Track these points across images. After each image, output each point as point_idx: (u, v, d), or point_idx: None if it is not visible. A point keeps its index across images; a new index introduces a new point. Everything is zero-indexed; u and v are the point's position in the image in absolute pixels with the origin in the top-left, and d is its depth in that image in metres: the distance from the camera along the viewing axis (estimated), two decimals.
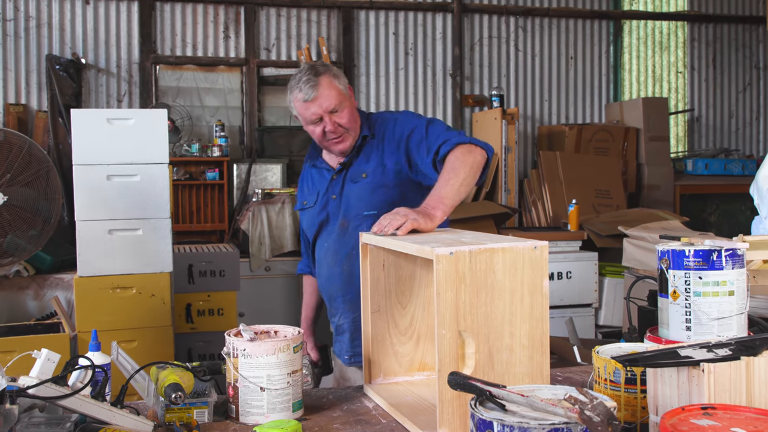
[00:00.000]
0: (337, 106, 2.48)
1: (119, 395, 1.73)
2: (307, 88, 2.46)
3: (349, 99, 2.54)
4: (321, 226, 2.63)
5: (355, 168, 2.56)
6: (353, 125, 2.53)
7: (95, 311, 3.73)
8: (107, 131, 3.73)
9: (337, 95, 2.48)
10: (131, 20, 6.54)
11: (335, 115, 2.48)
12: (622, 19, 7.90)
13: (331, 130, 2.49)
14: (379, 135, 2.55)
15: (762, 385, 1.33)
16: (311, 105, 2.47)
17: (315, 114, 2.48)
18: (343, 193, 2.56)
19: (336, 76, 2.51)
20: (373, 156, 2.53)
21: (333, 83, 2.48)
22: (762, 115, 8.36)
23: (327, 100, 2.46)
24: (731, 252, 1.64)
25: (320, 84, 2.46)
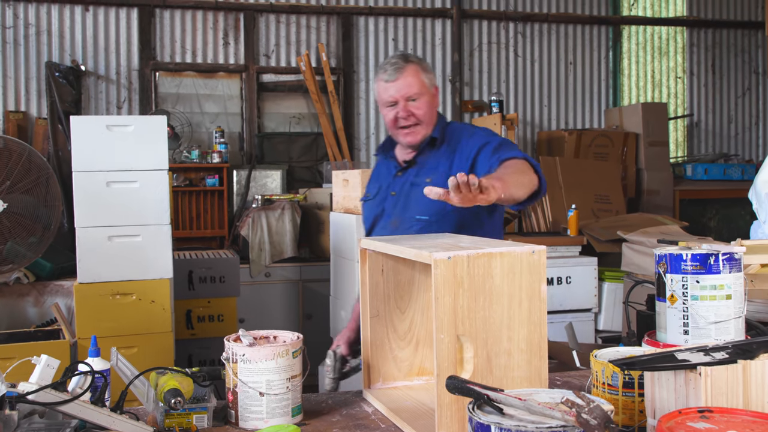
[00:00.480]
0: (415, 95, 2.49)
1: (119, 401, 1.74)
2: (392, 69, 2.49)
3: (431, 95, 2.54)
4: (375, 221, 2.63)
5: (419, 169, 2.56)
6: (427, 120, 2.53)
7: (95, 318, 3.74)
8: (107, 138, 3.74)
9: (418, 85, 2.49)
10: (131, 27, 6.55)
11: (411, 103, 2.49)
12: (621, 24, 7.91)
13: (403, 117, 2.50)
14: (452, 144, 2.54)
15: (758, 388, 1.34)
16: (390, 86, 2.49)
17: (392, 97, 2.49)
18: (404, 192, 2.56)
19: (425, 69, 2.53)
20: (441, 163, 2.52)
21: (419, 73, 2.50)
22: (761, 120, 8.37)
23: (407, 86, 2.48)
24: (728, 256, 1.65)
25: (405, 69, 2.48)
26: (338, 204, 4.83)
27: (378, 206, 2.64)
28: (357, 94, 7.11)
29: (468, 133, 2.55)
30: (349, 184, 4.63)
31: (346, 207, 4.66)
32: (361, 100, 7.13)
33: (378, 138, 7.17)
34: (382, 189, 2.66)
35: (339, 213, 4.80)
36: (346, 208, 4.68)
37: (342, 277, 4.77)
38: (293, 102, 6.99)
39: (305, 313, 5.85)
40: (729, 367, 1.33)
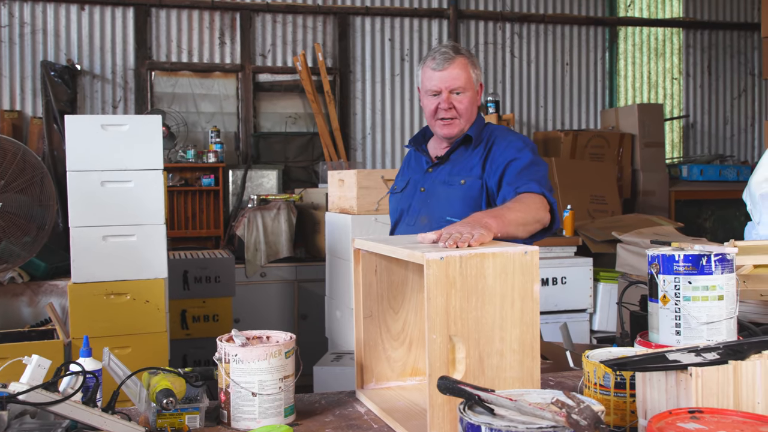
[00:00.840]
0: (460, 89, 2.47)
1: (110, 401, 1.73)
2: (441, 59, 2.46)
3: (475, 92, 2.52)
4: (401, 214, 2.61)
5: (452, 167, 2.52)
6: (467, 116, 2.51)
7: (89, 318, 3.73)
8: (101, 137, 3.73)
9: (465, 78, 2.47)
10: (126, 26, 6.55)
11: (455, 96, 2.48)
12: (618, 25, 7.92)
13: (444, 108, 2.48)
14: (487, 147, 2.50)
15: (749, 388, 1.34)
16: (436, 75, 2.47)
17: (436, 86, 2.47)
18: (434, 190, 2.53)
19: (474, 65, 2.51)
20: (475, 165, 2.48)
21: (467, 67, 2.48)
22: (757, 121, 8.39)
23: (453, 78, 2.46)
24: (720, 257, 1.65)
25: (454, 61, 2.46)
26: (334, 204, 4.83)
27: (406, 201, 2.61)
28: (353, 94, 7.11)
29: (504, 141, 2.49)
30: (344, 184, 4.63)
31: (342, 207, 4.66)
32: (358, 100, 7.13)
33: (374, 138, 7.17)
34: (410, 183, 2.63)
35: (335, 213, 4.80)
36: (341, 208, 4.67)
37: (337, 277, 4.77)
38: (289, 102, 6.99)
39: (300, 313, 5.84)
40: (720, 367, 1.33)
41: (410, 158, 2.75)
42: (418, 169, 2.64)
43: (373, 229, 4.42)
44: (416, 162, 2.68)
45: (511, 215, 2.10)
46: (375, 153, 7.18)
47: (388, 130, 7.21)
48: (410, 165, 2.72)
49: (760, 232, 3.19)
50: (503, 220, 2.03)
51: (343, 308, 4.63)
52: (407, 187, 2.64)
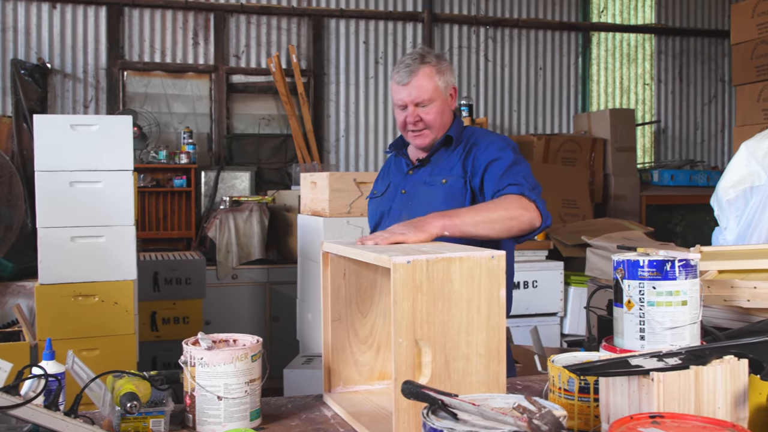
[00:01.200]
0: (425, 101, 2.44)
1: (73, 404, 1.71)
2: (405, 72, 2.43)
3: (443, 100, 2.48)
4: (381, 218, 2.59)
5: (433, 168, 2.51)
6: (437, 125, 2.48)
7: (57, 319, 3.69)
8: (70, 137, 3.70)
9: (430, 90, 2.43)
10: (99, 25, 6.49)
11: (421, 109, 2.44)
12: (591, 31, 7.99)
13: (411, 122, 2.46)
14: (467, 148, 2.48)
15: (710, 393, 1.35)
16: (402, 90, 2.44)
17: (402, 100, 2.45)
18: (415, 191, 2.51)
19: (440, 71, 2.46)
20: (456, 165, 2.46)
21: (432, 77, 2.43)
22: (726, 127, 8.49)
23: (417, 91, 2.43)
24: (684, 263, 1.66)
25: (417, 73, 2.42)
26: (306, 206, 4.82)
27: (386, 204, 2.59)
28: (327, 96, 7.10)
29: (485, 141, 2.47)
30: (317, 186, 4.62)
31: (314, 209, 4.65)
32: (331, 103, 7.12)
33: (348, 140, 7.17)
34: (391, 187, 2.62)
35: (307, 215, 4.79)
36: (314, 210, 4.67)
37: (309, 279, 4.76)
38: (263, 103, 6.97)
39: (272, 315, 5.82)
40: (681, 372, 1.34)
41: (390, 164, 2.74)
42: (399, 173, 2.63)
43: (345, 231, 4.41)
44: (396, 167, 2.67)
45: (467, 215, 2.10)
46: (348, 155, 7.18)
47: (361, 132, 7.21)
48: (390, 170, 2.71)
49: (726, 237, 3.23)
50: (455, 220, 2.04)
51: (314, 311, 4.62)
52: (387, 191, 2.63)
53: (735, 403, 1.38)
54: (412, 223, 2.03)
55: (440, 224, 2.02)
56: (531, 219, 2.20)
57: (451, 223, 2.05)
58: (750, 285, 1.98)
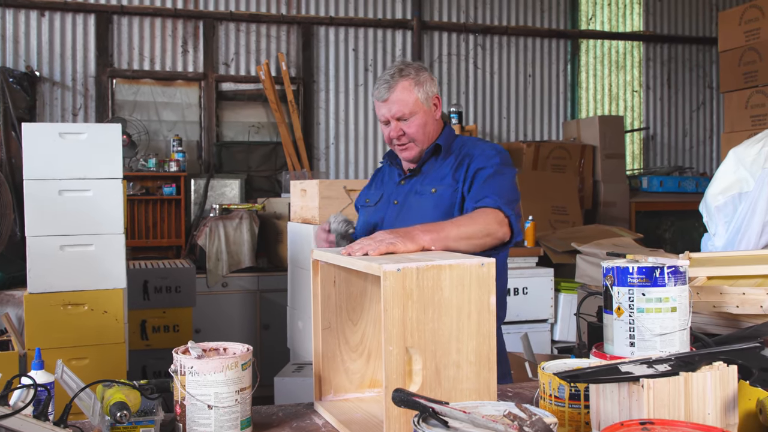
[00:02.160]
0: (406, 115, 2.44)
1: (63, 414, 1.70)
2: (384, 88, 2.44)
3: (426, 110, 2.48)
4: (373, 228, 2.56)
5: (424, 178, 2.52)
6: (421, 137, 2.48)
7: (46, 328, 3.67)
8: (59, 145, 3.69)
9: (410, 103, 2.43)
10: (87, 33, 6.48)
11: (403, 123, 2.45)
12: (580, 38, 8.02)
13: (394, 137, 2.47)
14: (458, 157, 2.49)
15: (699, 400, 1.35)
16: (382, 106, 2.46)
17: (384, 116, 2.47)
18: (407, 201, 2.51)
19: (419, 83, 2.45)
20: (447, 174, 2.47)
21: (411, 90, 2.43)
22: (715, 133, 8.54)
23: (396, 106, 2.43)
24: (673, 269, 1.67)
25: (395, 88, 2.42)
26: (296, 214, 4.81)
27: (378, 214, 2.59)
28: (317, 103, 7.11)
29: (477, 149, 2.48)
30: (306, 194, 4.62)
31: (304, 217, 4.65)
32: (321, 110, 7.12)
33: (338, 148, 7.17)
34: (384, 196, 2.62)
35: (297, 223, 4.78)
36: (304, 218, 4.66)
37: (300, 287, 4.75)
38: (252, 111, 6.97)
39: (263, 323, 5.81)
40: (671, 379, 1.34)
41: (383, 173, 2.74)
42: (391, 183, 2.64)
43: None
44: (389, 176, 2.68)
45: (452, 230, 2.11)
46: (338, 163, 7.18)
47: (351, 140, 7.21)
48: (383, 180, 2.71)
49: (715, 243, 3.25)
50: (441, 234, 2.06)
51: (305, 318, 4.61)
52: (380, 201, 2.63)
53: (725, 409, 1.39)
54: (398, 232, 2.01)
55: (428, 238, 2.02)
56: (504, 234, 2.25)
57: (438, 237, 2.06)
58: (739, 291, 1.99)
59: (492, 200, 2.27)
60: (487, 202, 2.28)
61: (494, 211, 2.25)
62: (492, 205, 2.26)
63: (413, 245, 1.97)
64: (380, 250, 1.89)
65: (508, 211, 2.27)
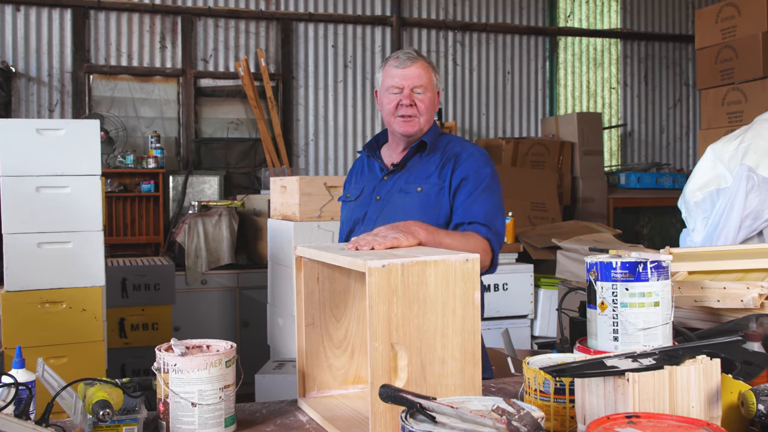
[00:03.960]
0: (422, 87, 2.48)
1: (44, 413, 1.69)
2: (405, 57, 2.49)
3: (434, 94, 2.54)
4: (355, 225, 2.58)
5: (409, 175, 2.52)
6: (427, 115, 2.52)
7: (23, 327, 3.63)
8: (37, 142, 3.64)
9: (427, 80, 2.50)
10: (64, 28, 6.41)
11: (416, 94, 2.48)
12: (558, 35, 8.06)
13: (406, 104, 2.48)
14: (444, 157, 2.51)
15: (684, 393, 1.36)
16: (398, 72, 2.49)
17: (399, 83, 2.48)
18: (391, 198, 2.51)
19: (434, 70, 2.55)
20: (432, 173, 2.49)
21: (429, 70, 2.51)
22: (691, 130, 8.61)
23: (416, 77, 2.48)
24: (656, 264, 1.68)
25: (417, 61, 2.49)
26: (276, 211, 4.80)
27: (360, 209, 2.58)
28: (296, 100, 7.09)
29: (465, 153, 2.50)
30: (287, 190, 4.60)
31: (284, 214, 4.63)
32: (300, 107, 7.10)
33: (317, 144, 7.15)
34: (365, 191, 2.60)
35: (277, 220, 4.77)
36: (284, 214, 4.65)
37: (279, 284, 4.74)
38: (231, 107, 6.93)
39: (242, 320, 5.79)
40: (656, 373, 1.35)
41: (363, 165, 2.72)
42: (372, 177, 2.62)
43: (316, 236, 4.40)
44: (369, 169, 2.66)
45: (445, 238, 2.17)
46: (318, 159, 7.17)
47: (331, 136, 7.20)
48: (363, 172, 2.69)
49: (694, 239, 3.28)
50: (436, 237, 2.12)
51: (285, 315, 4.60)
52: (361, 196, 2.61)
53: (708, 402, 1.40)
54: (398, 227, 2.05)
55: (424, 236, 2.07)
56: (485, 266, 2.32)
57: (433, 240, 2.10)
58: (719, 286, 2.01)
59: (484, 229, 2.34)
60: (479, 229, 2.34)
61: (484, 241, 2.32)
62: (483, 234, 2.33)
63: (415, 240, 2.02)
64: (386, 245, 1.92)
65: (494, 245, 2.36)
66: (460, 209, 2.41)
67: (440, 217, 2.43)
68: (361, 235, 1.99)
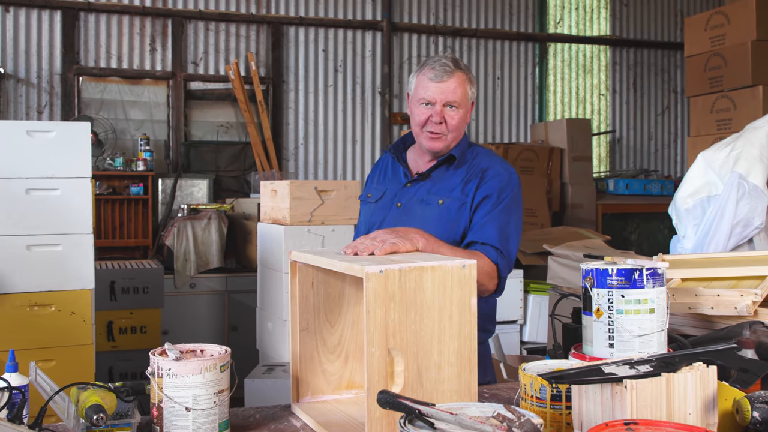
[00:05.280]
0: (455, 103, 2.40)
1: (37, 418, 1.67)
2: (441, 70, 2.39)
3: (467, 109, 2.46)
4: (372, 227, 2.53)
5: (432, 186, 2.47)
6: (456, 132, 2.44)
7: (12, 330, 3.60)
8: (26, 144, 3.62)
9: (462, 94, 2.41)
10: (53, 30, 6.39)
11: (449, 110, 2.41)
12: (548, 41, 8.09)
13: (436, 121, 2.40)
14: (471, 171, 2.45)
15: (681, 400, 1.37)
16: (433, 86, 2.39)
17: (432, 97, 2.40)
18: (411, 208, 2.47)
19: (471, 82, 2.45)
20: (457, 186, 2.43)
21: (465, 84, 2.42)
22: (679, 137, 8.66)
23: (451, 92, 2.39)
24: (652, 271, 1.69)
25: (454, 74, 2.39)
26: (266, 215, 4.79)
27: (380, 213, 2.54)
28: (286, 104, 7.08)
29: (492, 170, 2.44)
30: (277, 194, 4.59)
31: (274, 218, 4.63)
32: (291, 110, 7.09)
33: (307, 148, 7.15)
34: (387, 195, 2.56)
35: (267, 224, 4.75)
36: (274, 218, 4.64)
37: (269, 288, 4.72)
38: (221, 110, 6.92)
39: (231, 324, 5.77)
40: (653, 380, 1.36)
41: (387, 166, 2.67)
42: (395, 181, 2.58)
43: (306, 240, 4.40)
44: (393, 173, 2.61)
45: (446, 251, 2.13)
46: (308, 163, 7.16)
47: (320, 140, 7.19)
48: (386, 174, 2.64)
49: (685, 245, 3.29)
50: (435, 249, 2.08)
51: (274, 320, 4.59)
52: (383, 199, 2.57)
53: (705, 409, 1.41)
54: (398, 232, 2.03)
55: (423, 244, 2.05)
56: (488, 289, 2.31)
57: (431, 249, 2.07)
58: (713, 293, 2.02)
59: (494, 253, 2.30)
60: (489, 252, 2.30)
61: (492, 265, 2.28)
62: (492, 258, 2.29)
63: (411, 247, 2.00)
64: (385, 250, 1.90)
65: (503, 271, 2.31)
66: (476, 227, 2.36)
67: (458, 233, 2.38)
68: (359, 239, 1.97)
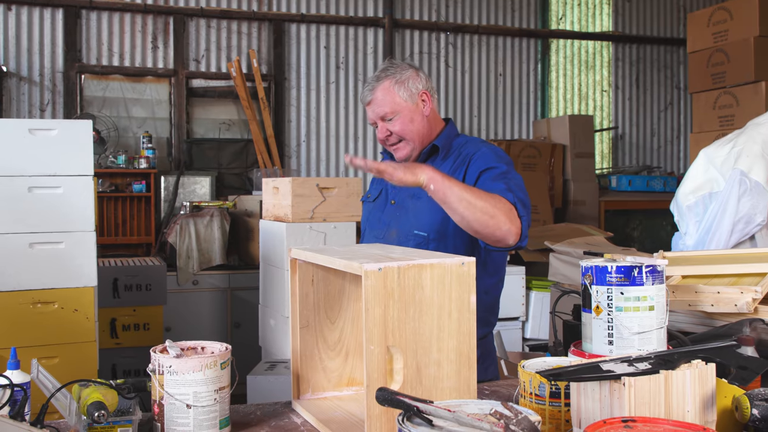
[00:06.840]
0: (389, 114, 2.42)
1: (39, 414, 1.68)
2: (366, 91, 2.44)
3: (411, 106, 2.44)
4: (372, 227, 2.57)
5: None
6: (410, 134, 2.44)
7: (15, 327, 3.61)
8: (29, 142, 3.63)
9: (390, 103, 2.41)
10: (55, 28, 6.39)
11: (388, 122, 2.43)
12: (550, 38, 8.08)
13: (381, 138, 2.45)
14: (459, 159, 2.43)
15: (679, 397, 1.37)
16: (367, 109, 2.47)
17: (371, 119, 2.47)
18: (404, 203, 2.49)
19: (400, 81, 2.43)
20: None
21: (391, 89, 2.41)
22: (682, 133, 8.65)
23: (379, 107, 2.42)
24: (651, 268, 1.69)
25: (376, 89, 2.42)
26: (268, 212, 4.79)
27: (377, 211, 2.58)
28: (288, 101, 7.08)
29: (478, 153, 2.40)
30: (279, 192, 4.60)
31: (276, 215, 4.63)
32: (292, 108, 7.10)
33: (309, 145, 7.15)
34: (383, 194, 2.60)
35: (269, 221, 4.76)
36: (276, 215, 4.64)
37: (271, 285, 4.73)
38: (223, 108, 6.92)
39: (234, 321, 5.78)
40: (652, 377, 1.36)
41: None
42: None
43: (308, 237, 4.40)
44: None
45: (459, 186, 2.06)
46: (310, 160, 7.16)
47: (323, 137, 7.20)
48: None
49: (686, 242, 3.29)
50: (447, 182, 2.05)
51: (277, 317, 4.59)
52: (379, 198, 2.61)
53: (703, 406, 1.41)
54: (404, 164, 2.06)
55: (430, 175, 2.03)
56: (509, 232, 2.11)
57: (440, 180, 2.04)
58: (713, 290, 2.02)
59: (510, 195, 2.16)
60: (505, 195, 2.15)
61: (510, 205, 2.13)
62: (509, 199, 2.15)
63: (411, 177, 2.03)
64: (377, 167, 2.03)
65: (522, 212, 2.15)
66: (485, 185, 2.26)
67: (446, 224, 2.36)
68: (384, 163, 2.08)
